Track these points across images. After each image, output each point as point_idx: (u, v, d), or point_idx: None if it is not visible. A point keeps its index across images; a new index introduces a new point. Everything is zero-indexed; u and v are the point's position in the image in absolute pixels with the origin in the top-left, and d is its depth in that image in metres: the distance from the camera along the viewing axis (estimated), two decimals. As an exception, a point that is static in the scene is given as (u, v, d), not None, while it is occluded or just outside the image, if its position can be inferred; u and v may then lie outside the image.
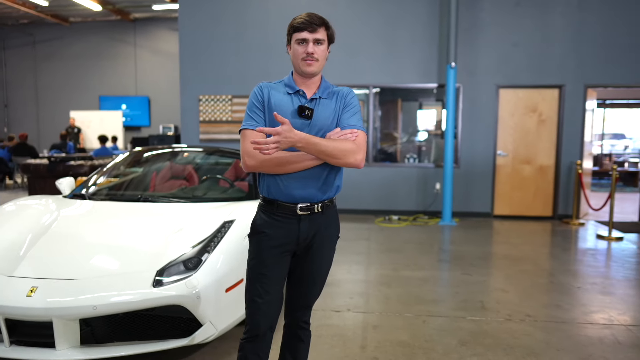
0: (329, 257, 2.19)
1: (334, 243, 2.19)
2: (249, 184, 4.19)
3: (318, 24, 1.99)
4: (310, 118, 2.01)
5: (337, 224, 2.18)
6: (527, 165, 7.83)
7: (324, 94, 2.08)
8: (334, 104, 2.07)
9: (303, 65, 2.01)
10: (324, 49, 2.03)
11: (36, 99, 16.57)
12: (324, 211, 2.07)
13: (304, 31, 1.98)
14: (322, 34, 2.01)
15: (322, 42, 2.01)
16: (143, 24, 15.61)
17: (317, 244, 2.09)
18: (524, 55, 7.67)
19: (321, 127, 2.03)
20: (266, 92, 2.07)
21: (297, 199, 2.02)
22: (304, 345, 2.26)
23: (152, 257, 2.80)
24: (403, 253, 5.57)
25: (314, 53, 1.99)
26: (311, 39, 1.99)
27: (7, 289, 2.56)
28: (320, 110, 2.04)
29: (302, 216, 2.03)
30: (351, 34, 7.97)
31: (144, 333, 2.67)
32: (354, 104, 2.09)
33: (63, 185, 4.19)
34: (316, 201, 2.04)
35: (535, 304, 3.93)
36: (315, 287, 2.19)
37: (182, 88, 8.46)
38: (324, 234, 2.10)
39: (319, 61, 2.02)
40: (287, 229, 2.04)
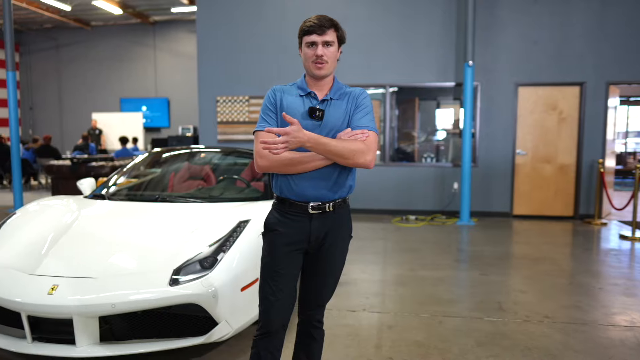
0: (342, 256, 2.20)
1: (346, 242, 2.20)
2: (265, 184, 4.22)
3: (327, 26, 2.02)
4: (321, 119, 2.04)
5: (349, 224, 2.20)
6: (547, 164, 7.71)
7: (335, 95, 2.10)
8: (345, 104, 2.09)
9: (313, 67, 2.04)
10: (334, 50, 2.06)
11: (60, 101, 16.95)
12: (335, 210, 2.09)
13: (313, 34, 2.02)
14: (332, 36, 2.04)
15: (331, 44, 2.04)
16: (162, 26, 15.83)
17: (329, 243, 2.11)
18: (544, 53, 7.55)
19: (332, 127, 2.05)
20: (279, 95, 2.11)
21: (308, 198, 2.04)
22: (317, 344, 2.27)
23: (169, 256, 2.85)
24: (420, 253, 5.54)
25: (324, 55, 2.02)
26: (320, 41, 2.02)
27: (30, 286, 2.63)
28: (331, 111, 2.06)
29: (314, 215, 2.06)
30: (367, 34, 7.96)
31: (161, 331, 2.71)
32: (365, 105, 2.10)
33: (84, 186, 4.28)
34: (327, 200, 2.06)
35: (554, 305, 3.87)
36: (328, 286, 2.21)
37: (200, 89, 8.55)
38: (336, 233, 2.12)
39: (328, 63, 2.04)
40: (298, 228, 2.07)
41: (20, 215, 3.37)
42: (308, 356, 2.27)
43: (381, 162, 8.16)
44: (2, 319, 2.79)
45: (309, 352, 2.26)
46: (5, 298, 2.61)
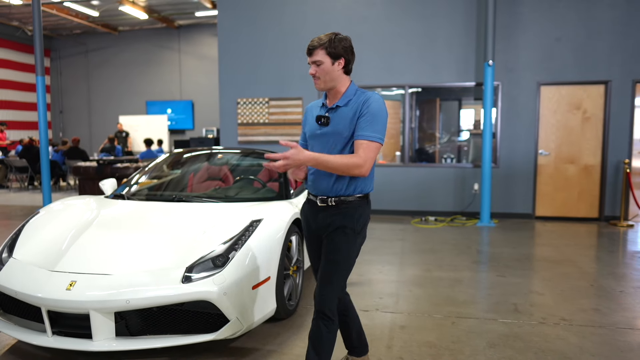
0: (340, 249, 2.30)
1: (348, 237, 2.31)
2: (280, 184, 4.27)
3: (315, 47, 2.28)
4: (325, 125, 2.35)
5: (352, 219, 2.32)
6: (570, 165, 7.55)
7: (343, 102, 2.33)
8: (351, 112, 2.30)
9: (314, 84, 2.37)
10: (325, 67, 2.28)
11: (88, 104, 17.43)
12: (338, 205, 2.32)
13: (308, 56, 2.33)
14: (320, 56, 2.27)
15: (320, 62, 2.28)
16: (187, 30, 16.13)
17: (330, 235, 2.33)
18: (567, 51, 7.40)
19: (337, 132, 2.31)
20: (308, 111, 2.53)
21: (317, 193, 2.39)
22: (325, 336, 2.29)
23: (183, 254, 2.92)
24: (438, 254, 5.50)
25: (316, 73, 2.30)
26: (310, 62, 2.31)
27: (49, 282, 2.74)
28: (337, 118, 2.32)
29: (321, 207, 2.37)
30: (387, 34, 7.95)
31: (174, 327, 2.78)
32: (369, 112, 2.25)
33: (106, 186, 4.42)
34: (331, 196, 2.34)
35: (572, 308, 3.79)
36: (325, 276, 2.31)
37: (221, 91, 8.69)
38: (337, 225, 2.32)
39: (321, 79, 2.31)
40: (309, 217, 2.45)
41: (44, 214, 3.51)
42: (314, 346, 2.30)
43: (401, 162, 8.13)
44: (24, 313, 2.91)
45: (316, 342, 2.30)
46: (27, 293, 2.72)
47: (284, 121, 8.42)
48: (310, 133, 2.43)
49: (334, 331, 2.32)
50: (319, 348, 2.30)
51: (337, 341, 3.14)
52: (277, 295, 3.22)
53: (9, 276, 2.89)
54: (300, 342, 3.15)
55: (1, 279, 2.91)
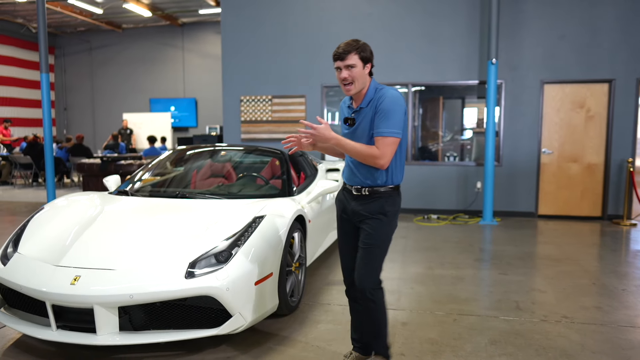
0: (375, 234, 2.49)
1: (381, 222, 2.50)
2: (283, 181, 4.29)
3: (348, 52, 2.40)
4: (352, 125, 2.54)
5: (384, 207, 2.51)
6: (574, 164, 7.54)
7: (365, 104, 2.49)
8: (371, 111, 2.46)
9: (343, 89, 2.49)
10: (358, 71, 2.42)
11: (92, 102, 17.49)
12: (371, 195, 2.52)
13: (337, 60, 2.44)
14: (353, 59, 2.41)
15: (354, 66, 2.41)
16: (190, 28, 16.15)
17: (365, 222, 2.52)
18: (571, 49, 7.39)
19: (362, 132, 2.50)
20: (340, 108, 2.72)
21: (352, 183, 2.59)
22: (366, 316, 2.54)
23: (186, 250, 2.94)
24: (440, 252, 5.51)
25: (348, 77, 2.42)
26: (343, 66, 2.42)
27: (54, 277, 2.77)
28: (361, 119, 2.50)
29: (356, 196, 2.56)
30: (390, 32, 7.94)
31: (177, 322, 2.81)
32: (384, 109, 2.41)
33: (109, 183, 4.44)
34: (365, 186, 2.53)
35: (574, 306, 3.80)
36: (362, 260, 2.50)
37: (225, 89, 8.71)
38: (371, 213, 2.51)
39: (354, 83, 2.44)
40: (345, 204, 2.64)
41: (48, 210, 3.54)
42: (354, 322, 2.66)
43: (403, 161, 8.12)
44: (29, 307, 2.94)
45: (355, 319, 2.66)
46: (32, 287, 2.75)
47: (287, 119, 8.43)
48: (342, 133, 2.62)
49: (376, 310, 2.51)
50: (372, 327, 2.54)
51: (341, 335, 3.16)
52: (279, 291, 3.24)
53: (14, 271, 2.92)
54: (303, 337, 3.18)
55: (6, 274, 2.93)
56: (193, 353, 2.94)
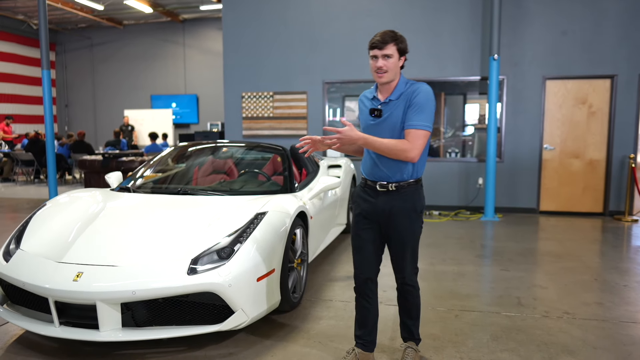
0: (407, 230, 2.56)
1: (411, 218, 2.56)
2: (284, 177, 4.29)
3: (387, 42, 2.44)
4: (379, 117, 2.53)
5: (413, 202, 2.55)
6: (575, 160, 7.53)
7: (395, 96, 2.50)
8: (403, 104, 2.48)
9: (375, 77, 2.49)
10: (394, 61, 2.47)
11: (93, 98, 17.49)
12: (398, 190, 2.53)
13: (375, 49, 2.46)
14: (391, 50, 2.45)
15: (390, 56, 2.45)
16: (191, 24, 16.13)
17: (394, 218, 2.55)
18: (573, 45, 7.36)
19: (392, 124, 2.49)
20: (360, 102, 2.70)
21: (375, 178, 2.58)
22: (408, 303, 2.73)
23: (188, 246, 2.95)
24: (441, 248, 5.51)
25: (383, 66, 2.45)
26: (380, 55, 2.45)
27: (56, 273, 2.77)
28: (391, 111, 2.50)
29: (381, 192, 2.56)
30: (391, 27, 7.83)
31: (179, 318, 2.82)
32: (418, 103, 2.44)
33: (111, 179, 4.45)
34: (392, 181, 2.54)
35: (575, 302, 3.80)
36: (400, 256, 2.61)
37: (226, 85, 8.70)
38: (400, 209, 2.53)
39: (388, 72, 2.46)
40: (368, 200, 2.62)
41: (51, 206, 3.54)
42: (402, 308, 2.77)
43: (405, 157, 8.11)
44: (32, 304, 2.95)
45: (401, 307, 2.77)
46: (35, 284, 2.76)
47: (288, 115, 8.42)
48: (365, 124, 2.61)
49: (418, 296, 2.73)
50: (411, 312, 2.74)
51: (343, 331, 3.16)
52: (281, 287, 3.24)
53: (17, 267, 2.93)
54: (305, 334, 3.18)
55: (9, 270, 2.94)
56: (195, 349, 2.95)
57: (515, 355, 2.89)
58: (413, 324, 2.77)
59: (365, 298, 2.69)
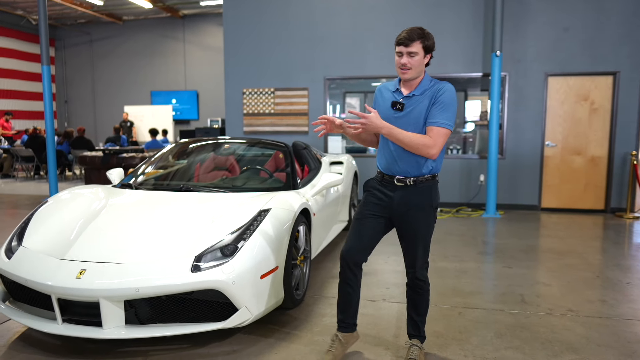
0: (422, 225, 2.61)
1: (427, 212, 2.60)
2: (287, 174, 4.28)
3: (413, 39, 2.44)
4: (400, 110, 2.54)
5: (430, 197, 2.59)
6: (577, 156, 7.51)
7: (419, 92, 2.53)
8: (427, 100, 2.50)
9: (399, 72, 2.53)
10: (419, 59, 2.47)
11: (93, 94, 17.44)
12: (416, 184, 2.58)
13: (400, 45, 2.47)
14: (416, 47, 2.45)
15: (415, 54, 2.46)
16: (192, 20, 16.07)
17: (410, 213, 2.59)
18: (576, 41, 7.34)
19: (415, 119, 2.51)
20: (378, 92, 2.71)
21: (393, 173, 2.61)
22: (419, 297, 2.75)
23: (191, 244, 2.93)
24: (443, 244, 5.50)
25: (407, 64, 2.47)
26: (405, 52, 2.46)
27: (59, 270, 2.76)
28: (414, 106, 2.52)
29: (399, 186, 2.60)
30: (392, 23, 7.89)
31: (183, 316, 2.80)
32: (442, 101, 2.47)
33: (113, 176, 4.42)
34: (410, 176, 2.57)
35: (579, 299, 3.80)
36: (414, 250, 2.64)
37: (227, 81, 8.67)
38: (417, 203, 2.57)
39: (412, 69, 2.48)
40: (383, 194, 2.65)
41: (52, 203, 3.52)
42: (410, 303, 2.78)
43: (406, 153, 8.09)
44: (34, 301, 2.94)
45: (411, 302, 2.78)
46: (37, 281, 2.74)
47: (289, 111, 8.40)
48: (385, 117, 2.57)
49: (428, 291, 2.75)
50: (419, 308, 2.75)
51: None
52: (284, 284, 3.23)
53: (19, 264, 2.91)
54: (308, 331, 3.17)
55: (11, 267, 2.93)
56: (199, 347, 2.94)
57: (519, 353, 2.89)
58: (420, 320, 2.78)
59: (349, 283, 2.70)
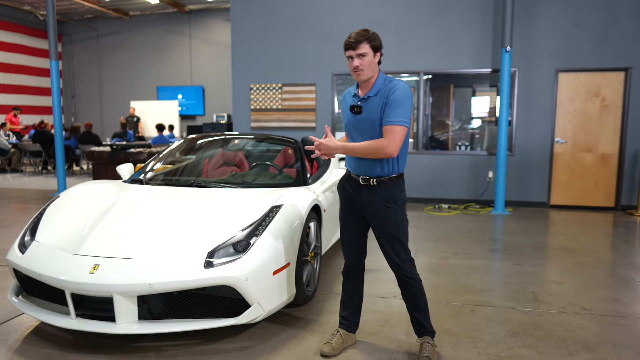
0: (391, 222, 2.60)
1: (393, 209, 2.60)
2: (297, 170, 4.26)
3: (360, 41, 2.50)
4: (359, 113, 2.61)
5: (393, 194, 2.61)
6: (587, 153, 7.45)
7: (373, 92, 2.58)
8: (381, 100, 2.54)
9: (354, 76, 2.59)
10: (369, 59, 2.53)
11: (100, 89, 17.46)
12: (379, 184, 2.61)
13: (349, 50, 2.54)
14: (365, 48, 2.51)
15: (365, 55, 2.52)
16: (198, 15, 16.04)
17: (377, 211, 2.63)
18: (587, 37, 7.26)
19: (370, 121, 2.57)
20: (342, 99, 2.80)
21: (358, 172, 2.68)
22: (413, 295, 2.72)
23: (204, 239, 2.92)
24: (452, 242, 5.48)
25: (359, 65, 2.53)
26: (355, 55, 2.53)
27: (73, 266, 2.76)
28: (369, 107, 2.58)
29: (364, 185, 2.65)
30: (401, 19, 7.84)
31: (196, 311, 2.80)
32: (395, 99, 2.50)
33: (123, 171, 4.42)
34: (373, 176, 2.62)
35: (592, 297, 3.77)
36: (390, 249, 2.64)
37: (234, 77, 8.65)
38: (381, 202, 2.60)
39: (364, 70, 2.54)
40: (352, 193, 2.73)
41: (64, 198, 3.52)
42: (408, 302, 2.75)
43: (414, 150, 8.07)
44: (47, 295, 2.94)
45: (407, 299, 2.75)
46: (51, 276, 2.74)
47: (297, 107, 8.37)
48: (347, 121, 2.70)
49: (421, 287, 2.70)
50: (418, 305, 2.71)
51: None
52: (296, 281, 3.22)
53: (33, 259, 2.92)
54: (319, 327, 3.16)
55: (25, 262, 2.93)
56: (211, 342, 2.93)
57: (534, 352, 2.87)
58: (423, 317, 2.76)
59: (352, 281, 2.87)
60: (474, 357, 2.79)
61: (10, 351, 2.83)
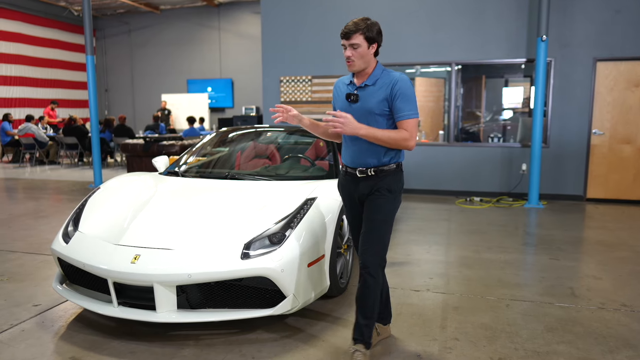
0: (380, 209, 2.52)
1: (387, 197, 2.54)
2: (329, 163, 4.26)
3: (353, 32, 2.44)
4: (355, 102, 2.55)
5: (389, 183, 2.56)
6: (626, 145, 7.21)
7: (371, 82, 2.53)
8: (380, 90, 2.49)
9: (347, 65, 2.54)
10: (362, 50, 2.47)
11: (132, 83, 17.81)
12: (377, 174, 2.56)
13: (343, 39, 2.49)
14: (358, 39, 2.45)
15: (358, 46, 2.45)
16: (227, 8, 16.14)
17: (371, 198, 2.57)
18: (628, 24, 6.99)
19: (367, 109, 2.52)
20: (335, 87, 2.72)
21: (355, 165, 2.62)
22: (364, 295, 2.51)
23: (240, 231, 2.97)
24: (485, 235, 5.40)
25: (351, 56, 2.48)
26: (347, 45, 2.48)
27: (115, 255, 2.84)
28: (366, 96, 2.52)
29: (361, 177, 2.60)
30: (432, 8, 7.71)
31: (232, 302, 2.85)
32: (404, 93, 2.46)
33: (159, 164, 4.52)
34: (371, 167, 2.57)
35: (633, 293, 3.66)
36: (367, 234, 2.52)
37: (264, 70, 8.69)
38: (377, 189, 2.55)
39: (356, 61, 2.49)
40: (350, 188, 2.69)
41: (104, 190, 3.63)
42: (358, 298, 2.54)
43: (445, 142, 7.97)
44: (91, 284, 3.05)
45: (359, 295, 2.54)
46: (94, 265, 2.84)
47: (327, 99, 8.37)
48: (342, 109, 2.61)
49: (376, 291, 2.50)
50: (364, 308, 2.51)
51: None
52: (330, 273, 3.24)
53: (76, 249, 3.02)
54: (353, 319, 3.17)
55: (69, 251, 3.04)
56: (247, 332, 2.99)
57: (573, 348, 2.81)
58: (366, 324, 2.51)
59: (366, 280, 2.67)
60: (510, 352, 2.76)
61: (57, 337, 2.95)
